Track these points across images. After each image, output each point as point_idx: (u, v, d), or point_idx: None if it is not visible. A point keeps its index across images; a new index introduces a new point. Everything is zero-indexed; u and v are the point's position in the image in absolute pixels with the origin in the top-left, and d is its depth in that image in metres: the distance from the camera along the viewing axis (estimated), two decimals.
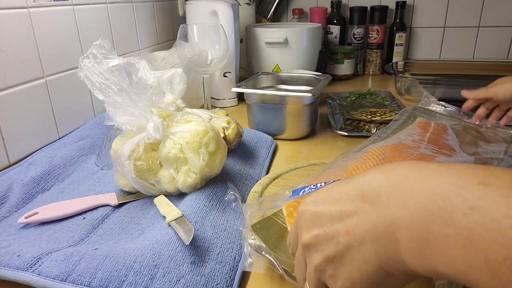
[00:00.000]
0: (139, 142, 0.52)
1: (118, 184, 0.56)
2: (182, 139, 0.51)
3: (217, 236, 0.45)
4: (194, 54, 0.79)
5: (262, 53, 1.09)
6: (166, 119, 0.54)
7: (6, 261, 0.40)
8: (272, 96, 0.77)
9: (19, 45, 0.65)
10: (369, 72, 1.41)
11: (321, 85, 0.81)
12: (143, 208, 0.53)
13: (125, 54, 0.97)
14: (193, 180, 0.52)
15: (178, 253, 0.41)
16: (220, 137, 0.56)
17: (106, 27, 0.89)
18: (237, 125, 0.69)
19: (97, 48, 0.51)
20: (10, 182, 0.57)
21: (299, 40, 1.07)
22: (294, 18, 1.39)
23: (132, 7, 0.99)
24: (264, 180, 0.57)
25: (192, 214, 0.47)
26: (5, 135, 0.63)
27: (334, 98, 1.02)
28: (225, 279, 0.40)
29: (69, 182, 0.61)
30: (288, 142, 0.79)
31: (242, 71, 1.17)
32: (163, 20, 1.17)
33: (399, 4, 1.32)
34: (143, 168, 0.51)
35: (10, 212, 0.52)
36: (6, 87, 0.63)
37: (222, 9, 0.93)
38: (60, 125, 0.75)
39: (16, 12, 0.64)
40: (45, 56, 0.70)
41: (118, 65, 0.51)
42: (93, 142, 0.72)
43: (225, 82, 1.01)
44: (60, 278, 0.38)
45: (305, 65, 1.10)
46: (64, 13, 0.75)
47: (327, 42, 1.38)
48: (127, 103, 0.51)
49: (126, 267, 0.39)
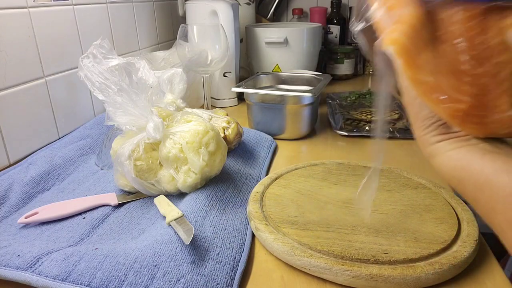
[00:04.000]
0: (139, 142, 0.52)
1: (118, 184, 0.56)
2: (182, 139, 0.51)
3: (217, 236, 0.45)
4: (194, 54, 0.79)
5: (262, 53, 1.09)
6: (166, 119, 0.54)
7: (6, 261, 0.40)
8: (272, 96, 0.77)
9: (19, 45, 0.65)
10: (369, 72, 1.41)
11: (321, 85, 0.81)
12: (143, 208, 0.53)
13: (125, 54, 0.97)
14: (193, 180, 0.52)
15: (178, 253, 0.41)
16: (220, 137, 0.56)
17: (106, 27, 0.89)
18: (237, 125, 0.69)
19: (97, 48, 0.51)
20: (10, 182, 0.57)
21: (299, 40, 1.07)
22: (294, 18, 1.39)
23: (132, 7, 0.99)
24: (265, 180, 0.57)
25: (192, 214, 0.47)
26: (5, 135, 0.63)
27: (334, 98, 1.02)
28: (225, 279, 0.40)
29: (69, 182, 0.61)
30: (288, 142, 0.79)
31: (242, 71, 1.16)
32: (163, 20, 1.17)
33: None
34: (143, 168, 0.51)
35: (10, 212, 0.52)
36: (6, 87, 0.63)
37: (222, 9, 0.93)
38: (60, 125, 0.75)
39: (16, 12, 0.64)
40: (45, 56, 0.70)
41: (118, 65, 0.51)
42: (93, 142, 0.72)
43: (225, 82, 1.01)
44: (60, 278, 0.38)
45: (305, 65, 1.10)
46: (64, 13, 0.75)
47: (327, 42, 1.38)
48: (127, 103, 0.51)
49: (126, 267, 0.39)
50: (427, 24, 0.27)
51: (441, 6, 0.27)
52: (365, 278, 0.38)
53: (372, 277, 0.38)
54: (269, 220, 0.47)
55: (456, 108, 0.27)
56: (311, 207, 0.50)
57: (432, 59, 0.27)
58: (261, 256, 0.45)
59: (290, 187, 0.55)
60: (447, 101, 0.27)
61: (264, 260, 0.44)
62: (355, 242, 0.43)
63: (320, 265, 0.40)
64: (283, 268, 0.43)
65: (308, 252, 0.41)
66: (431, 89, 0.28)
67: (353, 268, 0.39)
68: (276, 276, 0.42)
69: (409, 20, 0.27)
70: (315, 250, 0.41)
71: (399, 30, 0.27)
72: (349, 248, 0.41)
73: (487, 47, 0.26)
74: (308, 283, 0.41)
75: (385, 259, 0.40)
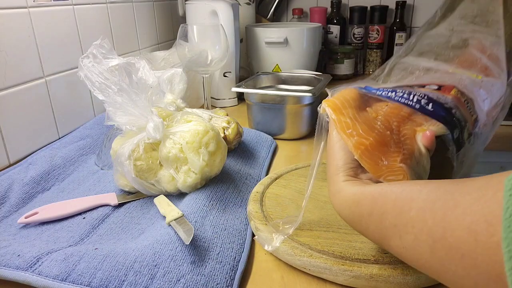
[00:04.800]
0: (139, 142, 0.52)
1: (118, 184, 0.56)
2: (182, 139, 0.51)
3: (217, 236, 0.45)
4: (194, 54, 0.79)
5: (262, 53, 1.09)
6: (166, 119, 0.54)
7: (6, 261, 0.40)
8: (272, 96, 0.77)
9: (19, 45, 0.65)
10: (369, 72, 1.41)
11: (321, 85, 0.81)
12: (143, 208, 0.53)
13: (125, 54, 0.97)
14: (193, 180, 0.52)
15: (178, 253, 0.41)
16: (220, 137, 0.56)
17: (106, 27, 0.89)
18: (237, 125, 0.69)
19: (97, 48, 0.51)
20: (10, 182, 0.57)
21: (299, 40, 1.07)
22: (294, 18, 1.39)
23: (132, 7, 0.99)
24: (265, 180, 0.57)
25: (192, 214, 0.47)
26: (5, 135, 0.63)
27: None
28: (225, 279, 0.40)
29: (69, 182, 0.61)
30: (288, 142, 0.79)
31: (242, 71, 1.16)
32: (163, 20, 1.17)
33: (399, 4, 1.32)
34: (143, 168, 0.51)
35: (10, 212, 0.52)
36: (6, 87, 0.63)
37: (222, 9, 0.93)
38: (60, 125, 0.75)
39: (16, 12, 0.64)
40: (45, 56, 0.70)
41: (118, 65, 0.51)
42: (93, 142, 0.72)
43: (225, 82, 1.01)
44: (60, 278, 0.38)
45: (305, 65, 1.10)
46: (64, 13, 0.75)
47: (327, 42, 1.38)
48: (127, 103, 0.51)
49: (126, 266, 0.39)
50: (359, 99, 0.41)
51: (374, 100, 0.42)
52: (365, 278, 0.38)
53: (372, 277, 0.38)
54: (269, 220, 0.47)
55: (361, 141, 0.37)
56: (311, 207, 0.50)
57: (354, 113, 0.39)
58: (261, 256, 0.45)
59: (290, 187, 0.55)
60: (356, 135, 0.38)
61: (264, 260, 0.44)
62: (355, 242, 0.43)
63: (320, 265, 0.40)
64: (283, 268, 0.43)
65: (308, 252, 0.41)
66: (347, 126, 0.38)
67: (353, 268, 0.39)
68: (276, 276, 0.42)
69: (343, 95, 0.41)
70: (315, 250, 0.41)
71: (334, 97, 0.41)
72: (349, 248, 0.41)
73: (399, 131, 0.39)
74: (308, 283, 0.41)
75: (385, 259, 0.40)
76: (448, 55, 0.49)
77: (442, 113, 0.40)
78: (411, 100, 0.40)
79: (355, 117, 0.39)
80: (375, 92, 0.42)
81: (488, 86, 0.45)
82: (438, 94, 0.41)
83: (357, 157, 0.37)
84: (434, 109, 0.40)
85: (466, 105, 0.42)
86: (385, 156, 0.37)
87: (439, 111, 0.40)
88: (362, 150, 0.37)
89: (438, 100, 0.41)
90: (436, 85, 0.43)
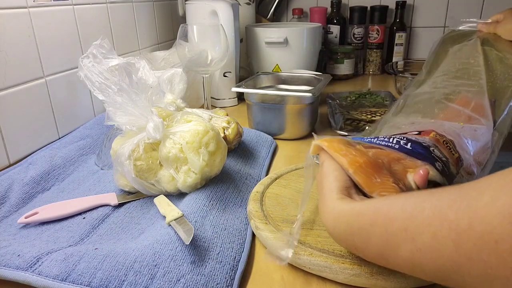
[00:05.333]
0: (139, 142, 0.52)
1: (118, 184, 0.56)
2: (182, 139, 0.51)
3: (217, 236, 0.45)
4: (194, 54, 0.79)
5: (262, 53, 1.09)
6: (166, 119, 0.54)
7: (6, 261, 0.40)
8: (272, 96, 0.77)
9: (19, 45, 0.65)
10: (369, 72, 1.41)
11: (321, 85, 0.81)
12: (143, 208, 0.53)
13: (125, 54, 0.97)
14: (193, 180, 0.52)
15: (178, 253, 0.41)
16: (220, 137, 0.56)
17: (106, 27, 0.89)
18: (237, 125, 0.69)
19: (97, 48, 0.51)
20: (10, 182, 0.57)
21: (299, 40, 1.07)
22: (294, 18, 1.39)
23: (132, 7, 0.99)
24: (265, 180, 0.57)
25: (192, 214, 0.47)
26: (5, 135, 0.63)
27: (334, 98, 1.02)
28: (225, 278, 0.40)
29: (69, 182, 0.61)
30: (288, 142, 0.79)
31: (242, 71, 1.17)
32: (163, 20, 1.17)
33: (399, 4, 1.32)
34: (143, 168, 0.51)
35: (10, 212, 0.52)
36: (6, 87, 0.63)
37: (222, 9, 0.93)
38: (60, 125, 0.75)
39: (16, 12, 0.64)
40: (45, 56, 0.70)
41: (118, 65, 0.51)
42: (93, 142, 0.72)
43: (225, 82, 1.01)
44: (60, 278, 0.38)
45: (305, 65, 1.10)
46: (64, 13, 0.75)
47: (327, 42, 1.38)
48: (127, 103, 0.51)
49: (126, 266, 0.39)
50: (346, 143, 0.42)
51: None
52: (365, 276, 0.38)
53: (372, 275, 0.38)
54: (269, 219, 0.47)
55: (355, 159, 0.39)
56: (311, 206, 0.50)
57: (345, 144, 0.41)
58: (261, 256, 0.45)
59: (290, 187, 0.55)
60: (350, 155, 0.39)
61: (264, 260, 0.44)
62: None
63: (320, 264, 0.40)
64: (283, 268, 0.43)
65: (308, 251, 0.41)
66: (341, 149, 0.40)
67: (353, 267, 0.39)
68: (276, 276, 0.42)
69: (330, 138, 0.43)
70: (315, 249, 0.41)
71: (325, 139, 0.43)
72: None
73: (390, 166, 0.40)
74: (308, 283, 0.41)
75: None
76: (433, 111, 0.53)
77: (420, 151, 0.41)
78: (391, 142, 0.43)
79: (347, 147, 0.41)
80: (359, 140, 0.44)
81: (471, 130, 0.49)
82: (417, 137, 0.44)
83: (351, 172, 0.38)
84: (413, 147, 0.42)
85: (445, 145, 0.44)
86: (378, 175, 0.38)
87: (417, 149, 0.42)
88: (357, 166, 0.38)
89: (416, 140, 0.43)
90: (417, 131, 0.46)
